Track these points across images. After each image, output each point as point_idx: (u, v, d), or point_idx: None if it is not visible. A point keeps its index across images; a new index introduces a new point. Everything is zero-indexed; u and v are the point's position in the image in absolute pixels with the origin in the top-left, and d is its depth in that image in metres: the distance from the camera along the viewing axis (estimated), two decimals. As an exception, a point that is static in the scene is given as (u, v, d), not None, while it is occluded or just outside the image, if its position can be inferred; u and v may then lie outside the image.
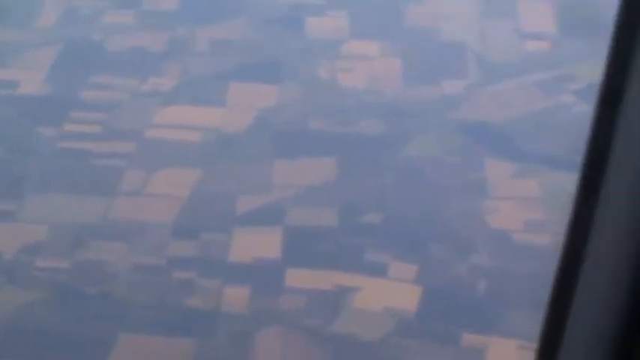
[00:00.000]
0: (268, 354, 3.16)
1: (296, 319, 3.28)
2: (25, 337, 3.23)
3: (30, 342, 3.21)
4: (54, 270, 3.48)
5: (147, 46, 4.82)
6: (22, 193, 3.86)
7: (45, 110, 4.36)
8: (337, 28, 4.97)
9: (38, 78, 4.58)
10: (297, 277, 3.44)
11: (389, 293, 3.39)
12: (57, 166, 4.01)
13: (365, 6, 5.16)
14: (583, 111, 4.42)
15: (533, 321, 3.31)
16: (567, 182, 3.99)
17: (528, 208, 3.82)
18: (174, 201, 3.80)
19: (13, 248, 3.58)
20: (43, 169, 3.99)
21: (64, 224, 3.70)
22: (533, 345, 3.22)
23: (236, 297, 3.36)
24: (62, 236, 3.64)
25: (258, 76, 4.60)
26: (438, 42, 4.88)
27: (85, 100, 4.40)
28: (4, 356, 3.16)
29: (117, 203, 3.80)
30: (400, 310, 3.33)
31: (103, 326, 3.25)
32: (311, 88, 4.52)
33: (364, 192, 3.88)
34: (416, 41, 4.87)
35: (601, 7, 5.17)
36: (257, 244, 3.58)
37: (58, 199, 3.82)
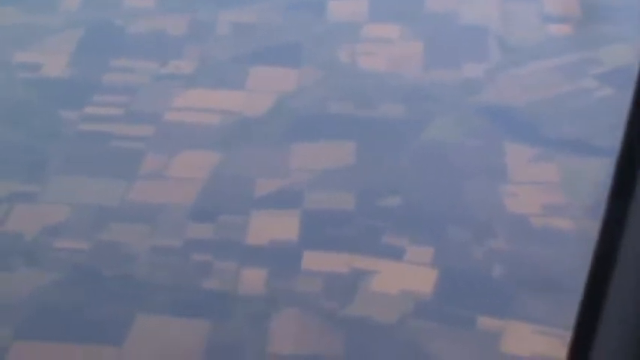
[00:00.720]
0: (284, 336, 3.18)
1: (312, 301, 3.30)
2: (45, 317, 3.27)
3: (49, 322, 3.25)
4: (74, 251, 3.52)
5: (167, 30, 4.84)
6: (43, 175, 3.90)
7: (67, 93, 4.39)
8: (358, 11, 4.98)
9: (61, 61, 4.61)
10: (314, 260, 3.47)
11: (405, 276, 3.41)
12: (78, 149, 4.05)
13: (387, -11, 5.17)
14: (606, 95, 4.42)
15: (549, 305, 3.32)
16: (588, 167, 3.99)
17: (547, 193, 3.82)
18: (193, 184, 3.83)
19: (34, 229, 3.62)
20: (64, 151, 4.03)
21: (85, 206, 3.73)
22: (550, 329, 3.24)
23: (253, 279, 3.38)
24: (82, 218, 3.68)
25: (278, 60, 4.62)
26: (458, 25, 4.88)
27: (106, 84, 4.44)
28: (24, 335, 3.20)
29: (137, 186, 3.83)
30: (416, 292, 3.35)
31: (121, 307, 3.29)
32: (331, 72, 4.54)
33: (383, 175, 3.90)
34: (436, 24, 4.88)
35: (624, -10, 5.16)
36: (274, 227, 3.61)
37: (79, 182, 3.86)
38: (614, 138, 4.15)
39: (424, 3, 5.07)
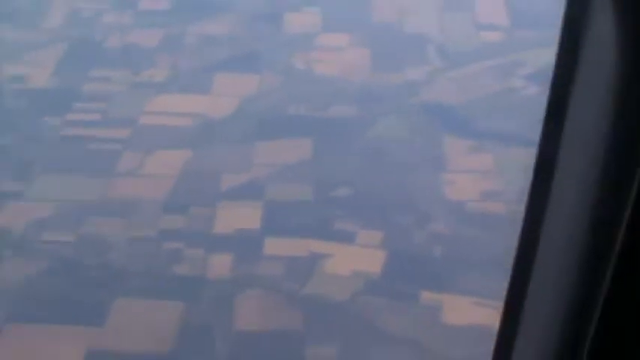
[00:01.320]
0: (249, 315, 3.15)
1: (273, 283, 3.27)
2: (34, 302, 3.22)
3: (37, 306, 3.20)
4: (58, 243, 3.46)
5: (142, 43, 4.78)
6: (29, 175, 3.83)
7: (50, 101, 4.33)
8: (312, 23, 4.94)
9: (45, 73, 4.54)
10: (275, 246, 3.43)
11: (357, 258, 3.37)
12: (61, 151, 3.99)
13: (335, 2, 5.13)
14: (532, 93, 4.40)
15: (485, 281, 3.30)
16: (519, 156, 3.97)
17: (482, 180, 3.80)
18: (166, 180, 3.78)
19: (21, 224, 3.56)
20: (48, 153, 3.97)
21: (68, 202, 3.68)
22: (485, 301, 3.21)
23: (220, 264, 3.34)
24: (65, 213, 3.62)
25: (241, 67, 4.58)
26: (402, 34, 4.85)
27: (86, 92, 4.38)
28: (14, 319, 3.14)
29: (114, 183, 3.78)
30: (366, 272, 3.31)
31: (102, 292, 3.24)
32: (288, 77, 4.49)
33: (336, 169, 3.86)
34: (382, 33, 4.84)
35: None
36: (239, 217, 3.57)
37: (62, 180, 3.80)
38: (539, 130, 4.13)
39: (371, 14, 5.03)
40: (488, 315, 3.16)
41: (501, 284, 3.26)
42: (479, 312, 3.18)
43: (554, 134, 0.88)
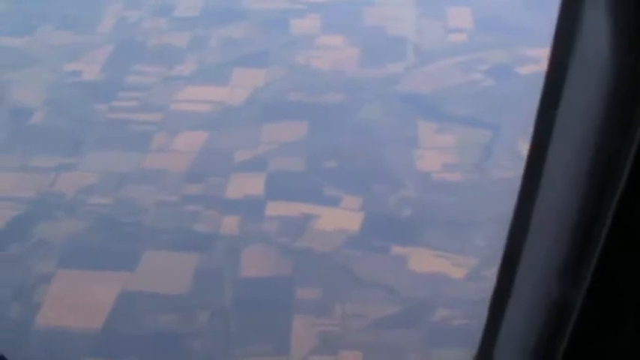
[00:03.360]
0: (251, 263, 3.14)
1: (272, 238, 3.26)
2: (80, 252, 3.23)
3: (82, 256, 3.21)
4: (101, 205, 3.47)
5: (174, 43, 4.77)
6: (81, 150, 3.84)
7: (99, 91, 4.32)
8: (312, 26, 4.91)
9: (96, 69, 4.54)
10: (274, 208, 3.42)
11: (340, 218, 3.36)
12: (106, 132, 3.99)
13: (334, 10, 5.10)
14: (489, 85, 4.36)
15: (444, 237, 3.28)
16: (475, 136, 3.94)
17: (445, 155, 3.78)
18: (188, 155, 3.77)
19: (72, 191, 3.56)
20: (95, 133, 3.97)
21: (110, 173, 3.68)
22: (445, 254, 3.19)
23: (230, 223, 3.33)
24: (108, 181, 3.62)
25: (253, 63, 4.55)
26: (386, 35, 4.81)
27: (127, 84, 4.36)
28: (64, 265, 3.15)
29: (147, 157, 3.78)
30: (347, 230, 3.30)
31: (134, 245, 3.24)
32: (291, 71, 4.47)
33: (326, 145, 3.85)
34: (370, 35, 4.81)
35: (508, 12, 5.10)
36: (247, 185, 3.56)
37: (106, 155, 3.80)
38: (495, 115, 4.10)
39: (363, 20, 5.00)
40: (445, 264, 3.16)
41: (457, 239, 3.25)
42: (438, 262, 3.16)
43: (547, 124, 0.83)
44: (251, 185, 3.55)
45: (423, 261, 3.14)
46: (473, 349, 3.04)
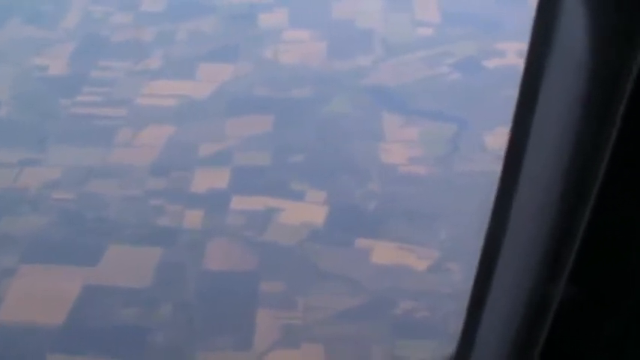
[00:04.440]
0: (215, 257, 3.17)
1: (236, 232, 3.28)
2: (43, 247, 3.23)
3: (46, 251, 3.21)
4: (64, 200, 3.47)
5: (141, 38, 4.77)
6: (45, 145, 3.84)
7: (64, 86, 4.32)
8: (280, 20, 4.93)
9: (61, 63, 4.54)
10: (239, 202, 3.44)
11: (305, 212, 3.39)
12: (70, 126, 3.99)
13: (302, 4, 5.12)
14: (455, 78, 4.40)
15: (408, 229, 3.32)
16: (440, 129, 3.99)
17: (410, 148, 3.82)
18: (153, 149, 3.78)
19: (37, 185, 3.57)
20: (60, 128, 3.97)
21: (74, 167, 3.69)
22: (408, 246, 3.23)
23: (194, 217, 3.35)
24: (72, 176, 3.63)
25: (220, 58, 4.57)
26: (354, 29, 4.84)
27: (93, 79, 4.37)
28: (27, 260, 3.16)
29: (112, 152, 3.79)
30: (312, 223, 3.33)
31: (97, 239, 3.25)
32: (258, 65, 4.49)
33: (292, 139, 3.87)
34: (338, 29, 4.84)
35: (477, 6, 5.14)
36: (211, 179, 3.58)
37: (71, 150, 3.80)
38: (461, 108, 4.15)
39: (330, 14, 5.02)
40: (409, 257, 3.19)
41: (421, 232, 3.29)
42: (402, 254, 3.20)
43: (525, 119, 0.82)
44: (216, 179, 3.57)
45: (387, 253, 3.18)
46: (436, 341, 3.09)
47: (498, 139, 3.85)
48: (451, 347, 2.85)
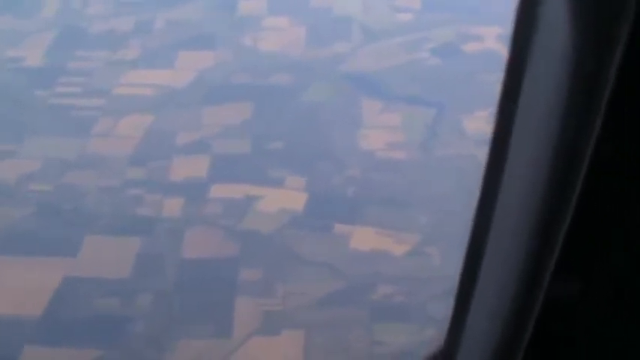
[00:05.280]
0: (194, 245, 3.17)
1: (215, 220, 3.28)
2: (21, 239, 3.22)
3: (24, 243, 3.21)
4: (42, 192, 3.46)
5: (119, 28, 4.75)
6: (21, 137, 3.83)
7: (41, 77, 4.30)
8: (259, 8, 4.92)
9: (38, 54, 4.51)
10: (218, 190, 3.44)
11: (284, 199, 3.39)
12: (48, 117, 3.98)
13: (280, -8, 5.11)
14: (435, 63, 4.41)
15: (387, 215, 3.32)
16: (420, 114, 3.99)
17: (390, 134, 3.82)
18: (132, 139, 3.78)
19: (13, 177, 3.56)
20: (37, 119, 3.96)
21: (51, 159, 3.68)
22: (386, 231, 3.24)
23: (173, 206, 3.35)
24: (49, 167, 3.62)
25: (199, 46, 4.56)
26: (332, 16, 4.83)
27: (70, 69, 4.35)
28: (3, 253, 3.15)
29: (90, 142, 3.78)
30: (291, 210, 3.33)
31: (76, 231, 3.25)
32: (237, 53, 4.48)
33: (271, 127, 3.87)
34: (316, 15, 4.82)
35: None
36: (190, 168, 3.57)
37: (48, 141, 3.79)
38: (440, 93, 4.15)
39: (309, 1, 5.01)
40: (387, 242, 3.20)
41: (400, 217, 3.30)
42: (379, 239, 3.21)
43: (509, 109, 0.79)
44: (194, 168, 3.57)
45: (366, 239, 3.18)
46: (414, 325, 3.09)
47: (477, 123, 3.86)
48: (429, 331, 2.87)
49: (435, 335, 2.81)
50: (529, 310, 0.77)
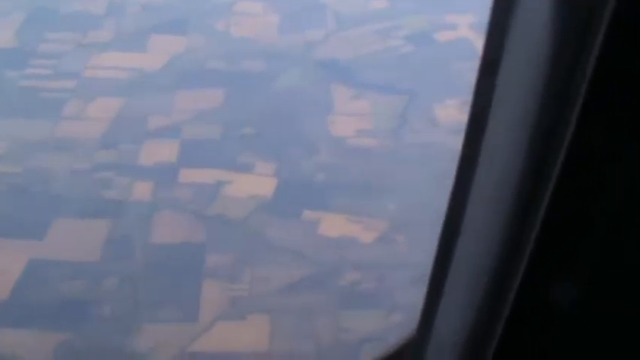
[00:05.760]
0: (163, 229, 3.16)
1: (184, 205, 3.28)
2: (-12, 223, 3.21)
3: (-9, 227, 3.19)
4: (9, 175, 3.44)
5: (91, 10, 4.72)
6: (-9, 119, 3.80)
7: (11, 59, 4.26)
8: (232, -7, 4.90)
9: (7, 36, 4.47)
10: (188, 175, 3.43)
11: (253, 184, 3.39)
12: (17, 100, 3.94)
13: (254, -23, 5.09)
14: (408, 51, 4.41)
15: (356, 201, 3.33)
16: (391, 102, 4.00)
17: (360, 121, 3.83)
18: (102, 122, 3.76)
19: (-19, 160, 3.53)
20: (6, 102, 3.93)
21: (21, 141, 3.65)
22: (355, 217, 3.25)
23: (142, 190, 3.34)
24: (19, 150, 3.60)
25: (172, 30, 4.54)
26: (306, 2, 4.83)
27: (41, 51, 4.31)
28: (-30, 238, 3.13)
29: (60, 125, 3.75)
30: (260, 196, 3.34)
31: (43, 213, 3.23)
32: (210, 38, 4.46)
33: (242, 113, 3.87)
34: (289, 2, 4.82)
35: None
36: (160, 152, 3.56)
37: (17, 124, 3.76)
38: (412, 81, 4.16)
39: (283, -13, 5.00)
40: (356, 228, 3.21)
41: (369, 203, 3.31)
42: (348, 226, 3.22)
43: (486, 89, 0.77)
44: (164, 152, 3.56)
45: (334, 225, 3.19)
46: (381, 311, 3.10)
47: (448, 111, 3.87)
48: (396, 317, 2.88)
49: (401, 322, 2.82)
50: (501, 304, 0.76)
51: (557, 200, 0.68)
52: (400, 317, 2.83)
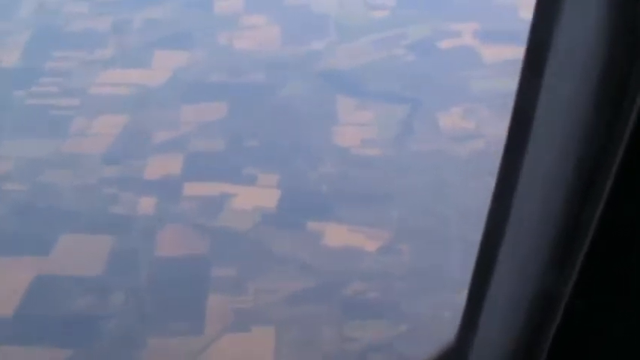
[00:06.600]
0: (167, 243, 3.16)
1: (189, 218, 3.28)
2: (-4, 240, 3.22)
3: (-2, 243, 3.20)
4: (17, 191, 3.45)
5: (96, 27, 4.74)
6: (-1, 138, 3.82)
7: (18, 78, 4.29)
8: (236, 7, 4.91)
9: (15, 55, 4.50)
10: (192, 188, 3.43)
11: (257, 196, 3.39)
12: (25, 118, 3.96)
13: (257, -10, 5.10)
14: (410, 60, 4.41)
15: (360, 211, 3.32)
16: (394, 111, 3.99)
17: (364, 131, 3.82)
18: (107, 138, 3.77)
19: (-12, 178, 3.55)
20: (14, 120, 3.95)
21: (28, 158, 3.67)
22: (359, 228, 3.24)
23: (147, 204, 3.34)
24: (25, 167, 3.61)
25: (176, 45, 4.55)
26: (308, 13, 4.83)
27: (47, 69, 4.33)
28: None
29: (66, 142, 3.77)
30: (264, 207, 3.33)
31: (50, 229, 3.24)
32: (213, 52, 4.47)
33: (246, 125, 3.87)
34: (292, 13, 4.82)
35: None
36: (165, 166, 3.57)
37: (25, 141, 3.78)
38: (415, 90, 4.15)
39: (284, -1, 5.00)
40: (360, 238, 3.21)
41: (372, 213, 3.30)
42: (352, 236, 3.21)
43: (532, 88, 0.70)
44: (169, 166, 3.56)
45: (338, 236, 3.18)
46: (386, 321, 3.08)
47: (452, 119, 3.86)
48: (401, 327, 2.86)
49: (407, 331, 2.81)
50: (548, 313, 0.71)
51: (609, 208, 0.64)
52: (405, 326, 2.82)
